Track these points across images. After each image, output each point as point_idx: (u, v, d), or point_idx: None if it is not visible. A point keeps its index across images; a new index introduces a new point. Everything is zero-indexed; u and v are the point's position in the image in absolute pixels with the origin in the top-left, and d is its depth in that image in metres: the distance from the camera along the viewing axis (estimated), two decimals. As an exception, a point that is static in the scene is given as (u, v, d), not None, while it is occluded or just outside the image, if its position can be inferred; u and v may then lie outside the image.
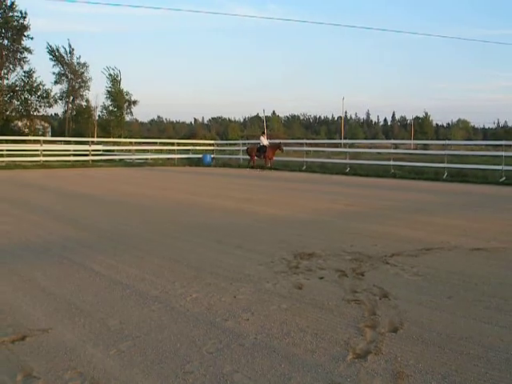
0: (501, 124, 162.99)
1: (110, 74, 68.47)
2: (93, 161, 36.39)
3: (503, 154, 24.63)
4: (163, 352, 4.01)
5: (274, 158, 32.30)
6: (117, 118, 69.03)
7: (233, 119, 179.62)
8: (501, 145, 26.97)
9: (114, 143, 48.38)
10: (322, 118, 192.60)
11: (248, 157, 33.47)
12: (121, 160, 39.56)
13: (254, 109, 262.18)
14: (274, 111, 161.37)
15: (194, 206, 13.20)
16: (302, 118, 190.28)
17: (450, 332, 4.42)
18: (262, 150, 32.02)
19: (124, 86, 70.92)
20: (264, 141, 32.31)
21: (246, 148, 34.63)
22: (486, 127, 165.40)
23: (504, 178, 22.79)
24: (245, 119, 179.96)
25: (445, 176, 24.78)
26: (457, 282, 6.03)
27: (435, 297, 5.44)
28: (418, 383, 3.51)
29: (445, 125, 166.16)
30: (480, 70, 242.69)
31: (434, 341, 4.23)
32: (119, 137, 61.58)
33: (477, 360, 3.87)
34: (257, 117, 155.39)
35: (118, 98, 68.33)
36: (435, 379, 3.56)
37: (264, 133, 34.32)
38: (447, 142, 30.74)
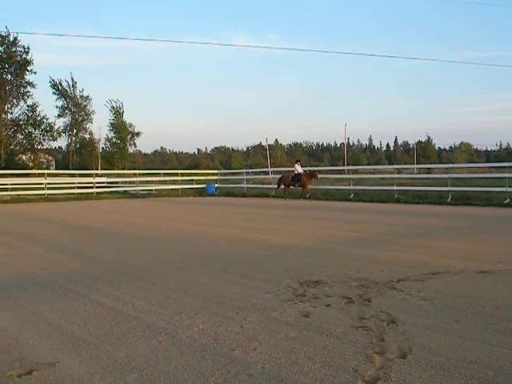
0: (503, 146, 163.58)
1: (113, 107, 68.99)
2: (97, 193, 36.52)
3: (507, 175, 24.58)
4: (171, 383, 3.99)
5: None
6: (120, 150, 69.33)
7: (236, 148, 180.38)
8: (504, 166, 26.96)
9: (118, 175, 48.54)
10: (325, 145, 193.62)
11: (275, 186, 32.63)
12: (125, 192, 39.69)
13: (257, 138, 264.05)
14: (276, 139, 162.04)
15: (198, 236, 13.19)
16: (304, 145, 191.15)
17: (459, 356, 4.39)
18: (296, 178, 30.53)
19: (127, 118, 71.42)
20: (299, 168, 30.97)
21: (280, 176, 32.90)
22: (489, 149, 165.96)
23: (508, 200, 22.81)
24: (248, 148, 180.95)
25: (449, 199, 24.78)
26: (464, 306, 6.01)
27: (443, 321, 5.41)
28: (429, 409, 3.48)
29: (447, 148, 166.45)
30: (481, 93, 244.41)
31: (443, 365, 4.20)
32: (123, 168, 61.85)
33: (487, 384, 3.85)
34: (259, 145, 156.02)
35: (121, 130, 68.72)
36: (446, 405, 3.53)
37: (299, 160, 33.21)
38: (450, 165, 30.71)
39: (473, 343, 4.72)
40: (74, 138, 72.08)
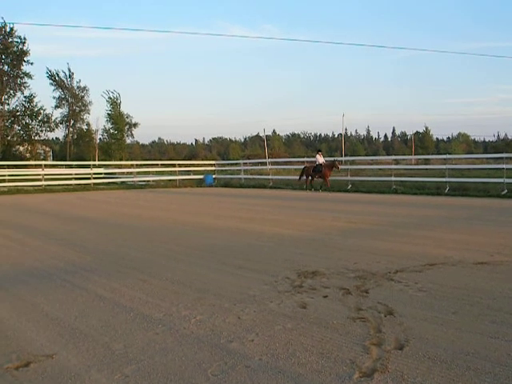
0: (501, 137, 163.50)
1: (110, 98, 68.73)
2: (94, 184, 36.51)
3: (504, 166, 24.60)
4: (168, 375, 3.98)
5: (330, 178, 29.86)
6: (117, 141, 69.19)
7: (233, 139, 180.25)
8: (502, 157, 26.94)
9: (116, 166, 48.46)
10: (323, 135, 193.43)
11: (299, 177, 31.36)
12: (122, 183, 39.70)
13: (255, 128, 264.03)
14: (274, 130, 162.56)
15: (196, 228, 13.18)
16: (302, 136, 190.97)
17: (456, 348, 4.39)
18: (317, 169, 29.62)
19: (124, 109, 71.32)
20: (320, 159, 30.07)
21: (303, 167, 31.70)
22: (487, 140, 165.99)
23: (506, 191, 22.80)
24: (245, 139, 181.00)
25: (446, 190, 24.79)
26: (461, 297, 6.01)
27: (440, 312, 5.42)
28: (426, 401, 3.48)
29: (445, 139, 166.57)
30: (479, 84, 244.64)
31: (440, 357, 4.20)
32: (120, 159, 61.77)
33: (484, 375, 3.85)
34: (257, 136, 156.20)
35: (118, 120, 68.57)
36: (443, 396, 3.54)
37: (320, 151, 32.33)
38: (448, 156, 30.78)
39: (470, 335, 4.72)
40: (71, 129, 72.15)
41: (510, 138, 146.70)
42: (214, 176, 39.51)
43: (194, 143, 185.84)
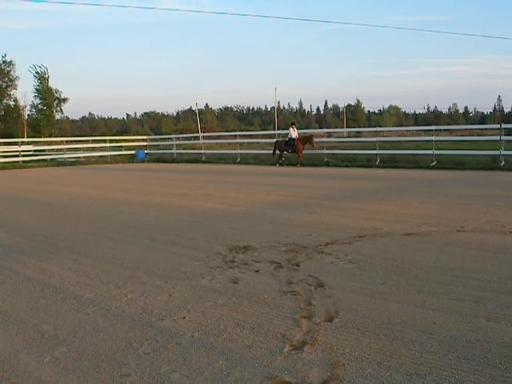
0: (431, 109, 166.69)
1: (38, 72, 67.14)
2: (23, 162, 35.50)
3: (433, 138, 25.16)
4: (99, 356, 3.95)
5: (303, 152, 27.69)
6: (47, 117, 67.74)
7: (166, 113, 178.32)
8: (431, 130, 27.49)
9: (45, 143, 47.29)
10: (256, 109, 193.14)
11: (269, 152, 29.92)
12: (52, 160, 38.78)
13: (187, 102, 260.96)
14: (207, 104, 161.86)
15: (128, 204, 13.03)
16: (235, 109, 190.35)
17: (384, 318, 4.49)
18: (289, 143, 27.49)
19: (53, 84, 69.76)
20: (293, 133, 27.69)
21: (275, 141, 29.72)
22: (417, 112, 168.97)
23: (435, 163, 23.32)
24: (178, 113, 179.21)
25: (377, 162, 25.18)
26: (390, 268, 6.14)
27: (369, 284, 5.52)
28: (354, 371, 3.55)
29: (376, 111, 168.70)
30: (408, 57, 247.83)
31: (368, 328, 4.29)
32: (50, 136, 60.51)
33: (411, 344, 3.95)
34: (190, 110, 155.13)
35: (46, 96, 67.07)
36: (371, 366, 3.61)
37: (294, 124, 29.87)
38: (379, 128, 31.13)
39: (398, 305, 4.83)
40: (-3, 105, 70.07)
41: (440, 110, 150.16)
42: (146, 151, 39.07)
43: (125, 118, 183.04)
